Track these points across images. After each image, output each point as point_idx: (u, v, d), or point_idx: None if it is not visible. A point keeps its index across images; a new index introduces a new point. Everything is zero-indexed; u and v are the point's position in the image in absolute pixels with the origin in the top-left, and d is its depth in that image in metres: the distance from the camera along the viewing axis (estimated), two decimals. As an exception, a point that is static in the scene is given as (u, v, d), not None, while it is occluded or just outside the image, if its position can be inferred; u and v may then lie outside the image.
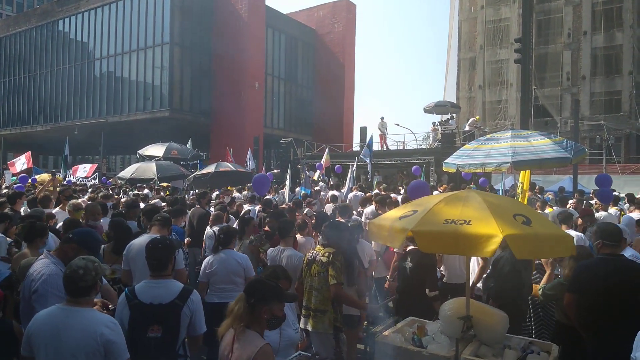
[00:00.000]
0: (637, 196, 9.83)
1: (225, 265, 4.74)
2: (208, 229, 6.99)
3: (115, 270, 4.82)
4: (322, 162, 17.54)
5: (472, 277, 5.66)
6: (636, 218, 7.38)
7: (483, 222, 2.94)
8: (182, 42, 32.92)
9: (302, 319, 4.38)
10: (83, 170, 22.17)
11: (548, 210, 9.23)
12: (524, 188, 8.53)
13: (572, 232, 5.78)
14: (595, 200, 10.28)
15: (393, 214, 3.72)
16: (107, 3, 35.48)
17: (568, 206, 9.39)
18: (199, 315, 3.36)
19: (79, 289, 2.76)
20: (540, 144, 7.87)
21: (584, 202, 10.15)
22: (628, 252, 5.31)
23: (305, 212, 8.76)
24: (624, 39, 31.46)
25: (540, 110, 32.65)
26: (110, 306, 3.32)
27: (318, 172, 18.38)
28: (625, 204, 9.87)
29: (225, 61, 32.91)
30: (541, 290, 4.25)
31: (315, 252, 4.38)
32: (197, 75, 34.05)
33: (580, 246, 4.31)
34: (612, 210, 8.66)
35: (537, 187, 13.42)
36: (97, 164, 23.76)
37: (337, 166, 19.68)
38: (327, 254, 4.19)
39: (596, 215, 7.98)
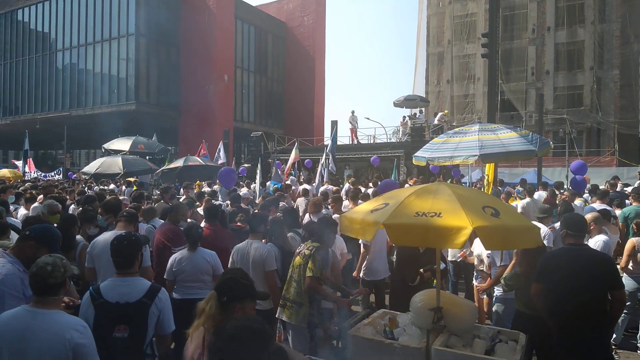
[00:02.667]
0: (600, 187, 10.16)
1: (193, 263, 4.64)
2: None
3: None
4: (291, 156, 17.46)
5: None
6: (598, 209, 7.62)
7: (453, 214, 2.97)
8: (148, 33, 32.13)
9: (279, 309, 4.43)
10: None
11: (516, 202, 9.44)
12: (489, 180, 8.71)
13: (538, 224, 5.93)
14: (562, 191, 10.57)
15: (364, 207, 3.73)
16: (69, -8, 34.34)
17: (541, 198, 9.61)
18: (167, 313, 3.27)
19: (48, 287, 2.62)
20: (506, 137, 8.05)
21: (557, 193, 10.37)
22: (602, 238, 5.51)
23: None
24: (585, 35, 32.45)
25: (506, 104, 33.41)
26: (76, 302, 3.19)
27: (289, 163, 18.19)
28: (587, 194, 10.19)
29: (193, 53, 32.34)
30: (502, 280, 4.38)
31: (303, 245, 4.49)
32: (164, 67, 33.34)
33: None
34: (577, 201, 8.92)
35: (498, 179, 13.75)
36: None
37: (307, 160, 19.62)
38: (311, 248, 4.30)
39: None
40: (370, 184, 14.16)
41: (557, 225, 6.10)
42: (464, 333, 3.57)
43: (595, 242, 5.40)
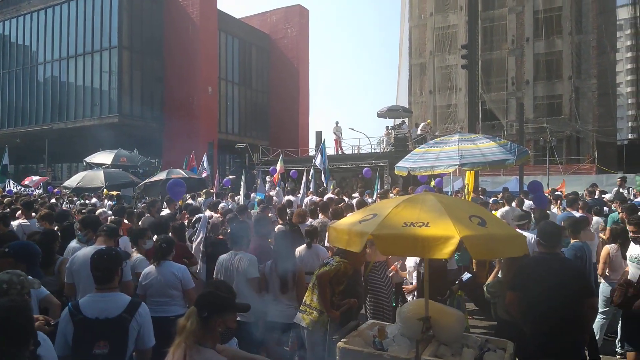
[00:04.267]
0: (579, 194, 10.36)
1: (160, 277, 4.56)
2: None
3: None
4: (277, 168, 17.47)
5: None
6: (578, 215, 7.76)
7: (441, 224, 3.00)
8: (131, 46, 32.01)
9: (298, 314, 4.50)
10: (30, 181, 21.25)
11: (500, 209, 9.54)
12: (470, 190, 8.83)
13: (526, 233, 6.04)
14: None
15: (352, 218, 3.75)
16: (51, 5, 34.07)
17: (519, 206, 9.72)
18: (147, 328, 3.26)
19: None
20: (486, 146, 8.19)
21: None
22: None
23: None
24: (563, 46, 33.18)
25: (488, 114, 33.92)
26: (52, 322, 3.16)
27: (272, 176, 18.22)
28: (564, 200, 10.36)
29: (176, 65, 32.27)
30: (485, 287, 4.43)
31: (331, 258, 4.64)
32: (148, 79, 33.20)
33: None
34: (555, 209, 9.08)
35: (480, 188, 13.90)
36: (46, 177, 22.66)
37: (292, 171, 19.65)
38: (338, 262, 4.44)
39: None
40: (355, 194, 14.25)
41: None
42: (452, 342, 3.60)
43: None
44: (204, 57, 31.94)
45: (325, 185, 16.42)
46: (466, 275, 5.41)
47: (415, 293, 5.33)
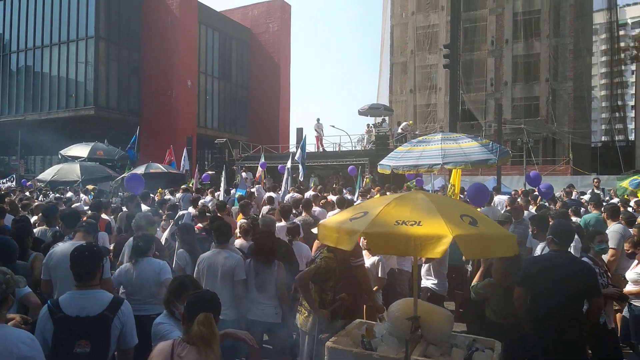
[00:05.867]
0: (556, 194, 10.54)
1: (138, 275, 4.44)
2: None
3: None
4: (263, 162, 17.41)
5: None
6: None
7: (433, 223, 2.98)
8: (108, 36, 31.33)
9: (296, 315, 4.56)
10: None
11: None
12: (456, 191, 8.90)
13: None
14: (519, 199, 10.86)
15: (342, 215, 3.71)
16: (25, -8, 33.12)
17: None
18: (130, 327, 3.18)
19: None
20: (468, 146, 8.27)
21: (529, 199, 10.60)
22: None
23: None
24: (541, 48, 33.76)
25: (467, 114, 34.31)
26: (29, 320, 3.05)
27: (261, 169, 18.05)
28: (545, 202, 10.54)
29: (155, 57, 31.72)
30: (472, 288, 4.42)
31: (318, 253, 4.58)
32: (125, 71, 32.55)
33: None
34: (534, 209, 9.21)
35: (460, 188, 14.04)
36: None
37: (280, 166, 19.43)
38: (322, 258, 4.38)
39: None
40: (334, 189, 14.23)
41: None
42: (441, 342, 3.59)
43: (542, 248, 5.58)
44: (183, 49, 31.48)
45: (301, 180, 16.35)
46: None
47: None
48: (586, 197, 11.59)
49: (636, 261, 5.13)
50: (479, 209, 7.03)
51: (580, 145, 32.34)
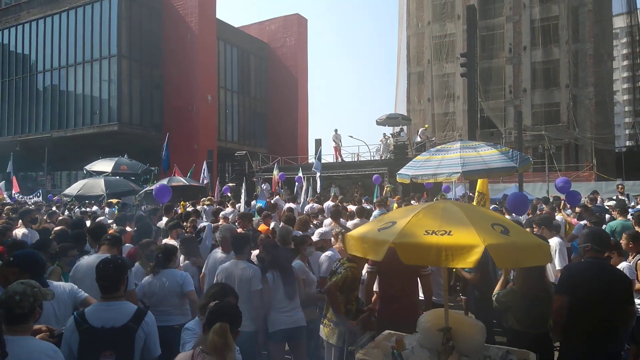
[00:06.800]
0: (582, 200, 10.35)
1: (161, 286, 4.53)
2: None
3: None
4: (282, 173, 17.55)
5: None
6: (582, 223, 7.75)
7: (464, 232, 2.93)
8: (130, 55, 32.09)
9: (320, 327, 4.57)
10: None
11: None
12: (486, 199, 8.79)
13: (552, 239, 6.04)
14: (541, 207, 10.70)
15: (369, 226, 3.68)
16: (50, 14, 34.16)
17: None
18: (153, 337, 3.25)
19: (15, 317, 2.62)
20: (487, 154, 8.19)
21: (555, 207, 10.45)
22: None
23: (272, 224, 8.73)
24: (560, 54, 33.37)
25: (486, 122, 34.02)
26: (55, 332, 3.14)
27: (278, 179, 18.18)
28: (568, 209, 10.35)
29: (176, 74, 32.34)
30: (495, 297, 4.34)
31: (340, 263, 4.58)
32: (147, 88, 33.24)
33: None
34: (558, 217, 9.03)
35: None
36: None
37: (297, 176, 19.58)
38: (347, 267, 4.39)
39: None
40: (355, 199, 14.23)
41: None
42: (474, 354, 3.49)
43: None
44: (202, 65, 32.02)
45: (317, 192, 16.41)
46: None
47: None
48: (612, 203, 11.35)
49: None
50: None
51: (604, 151, 31.74)
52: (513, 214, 8.80)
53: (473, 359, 3.45)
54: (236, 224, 7.71)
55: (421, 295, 4.90)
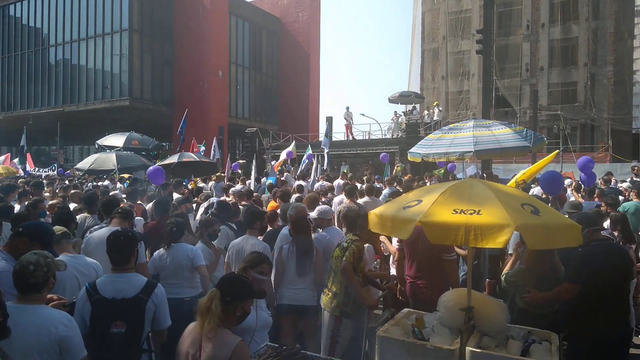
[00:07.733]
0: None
1: (172, 259, 4.60)
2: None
3: None
4: (291, 151, 17.40)
5: None
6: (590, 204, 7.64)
7: (493, 211, 2.87)
8: (141, 29, 31.92)
9: (321, 296, 4.64)
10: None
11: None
12: (524, 178, 8.63)
13: None
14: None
15: (395, 204, 3.61)
16: (62, -13, 34.03)
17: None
18: (163, 309, 3.30)
19: (28, 286, 2.66)
20: (501, 133, 8.09)
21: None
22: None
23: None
24: (579, 32, 32.53)
25: (501, 101, 33.48)
26: (67, 302, 3.18)
27: (286, 157, 18.04)
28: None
29: (187, 49, 32.16)
30: (504, 276, 4.32)
31: (344, 237, 4.71)
32: (158, 63, 33.15)
33: None
34: (573, 198, 8.92)
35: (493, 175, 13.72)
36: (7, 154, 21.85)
37: (307, 154, 19.50)
38: (349, 241, 4.45)
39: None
40: (364, 178, 14.18)
41: None
42: (496, 334, 3.47)
43: None
44: (214, 40, 31.78)
45: (324, 169, 16.33)
46: None
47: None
48: (625, 185, 11.17)
49: None
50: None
51: (620, 132, 31.13)
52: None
53: (495, 339, 3.43)
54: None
55: None
